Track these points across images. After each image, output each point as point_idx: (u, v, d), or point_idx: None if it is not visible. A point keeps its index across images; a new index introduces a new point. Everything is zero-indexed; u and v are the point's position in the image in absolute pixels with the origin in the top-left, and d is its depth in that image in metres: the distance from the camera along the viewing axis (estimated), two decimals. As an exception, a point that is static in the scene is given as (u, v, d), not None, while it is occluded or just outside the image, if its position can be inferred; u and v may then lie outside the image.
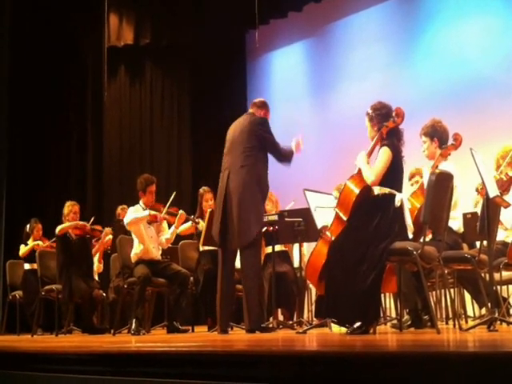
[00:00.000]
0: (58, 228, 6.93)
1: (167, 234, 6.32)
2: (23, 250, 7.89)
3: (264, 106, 5.38)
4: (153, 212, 6.10)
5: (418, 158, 4.93)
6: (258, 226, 5.06)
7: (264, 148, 5.13)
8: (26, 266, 7.81)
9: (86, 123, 9.79)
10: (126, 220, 6.14)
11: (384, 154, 4.18)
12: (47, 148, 9.59)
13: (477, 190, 5.53)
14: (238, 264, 5.24)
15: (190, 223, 6.51)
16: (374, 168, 4.19)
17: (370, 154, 4.38)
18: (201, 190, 6.66)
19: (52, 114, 9.58)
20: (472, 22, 8.18)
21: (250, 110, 5.38)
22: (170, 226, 6.39)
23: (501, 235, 5.02)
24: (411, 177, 5.95)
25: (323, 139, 9.42)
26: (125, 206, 6.92)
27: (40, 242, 7.80)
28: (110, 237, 7.37)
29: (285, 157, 5.21)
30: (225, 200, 5.04)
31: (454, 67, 8.18)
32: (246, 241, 4.96)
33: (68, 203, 7.10)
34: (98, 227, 7.15)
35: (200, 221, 6.41)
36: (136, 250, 6.12)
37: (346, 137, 8.55)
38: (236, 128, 5.24)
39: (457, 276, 5.14)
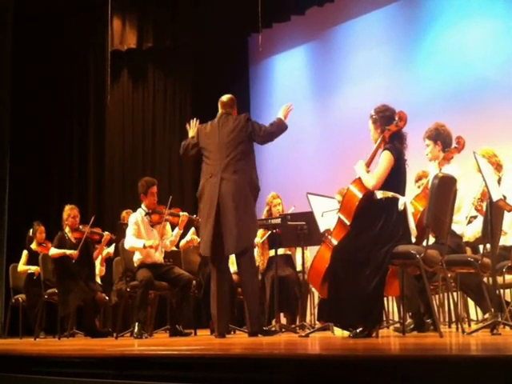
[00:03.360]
0: (50, 253, 6.80)
1: (171, 236, 6.30)
2: (21, 267, 7.83)
3: (235, 103, 5.21)
4: (148, 243, 5.89)
5: (422, 160, 4.92)
6: (256, 229, 5.12)
7: (252, 147, 5.03)
8: (29, 270, 7.81)
9: (89, 126, 9.84)
10: (125, 245, 6.03)
11: (385, 158, 4.17)
12: (49, 151, 9.62)
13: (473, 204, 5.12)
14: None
15: (189, 236, 6.61)
16: (374, 172, 4.19)
17: (372, 156, 4.37)
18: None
19: (55, 118, 9.62)
20: (474, 25, 8.16)
21: (223, 111, 5.16)
22: (173, 227, 6.37)
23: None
24: (418, 179, 5.88)
25: (326, 142, 9.43)
26: (129, 210, 6.88)
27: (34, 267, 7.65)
28: (110, 251, 7.38)
29: (276, 131, 5.02)
30: (217, 207, 4.89)
31: (457, 70, 8.17)
32: (245, 245, 4.94)
33: (67, 207, 6.98)
34: (98, 230, 7.09)
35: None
36: (138, 253, 6.11)
37: (349, 140, 8.54)
38: (221, 131, 5.06)
39: (459, 284, 5.12)
